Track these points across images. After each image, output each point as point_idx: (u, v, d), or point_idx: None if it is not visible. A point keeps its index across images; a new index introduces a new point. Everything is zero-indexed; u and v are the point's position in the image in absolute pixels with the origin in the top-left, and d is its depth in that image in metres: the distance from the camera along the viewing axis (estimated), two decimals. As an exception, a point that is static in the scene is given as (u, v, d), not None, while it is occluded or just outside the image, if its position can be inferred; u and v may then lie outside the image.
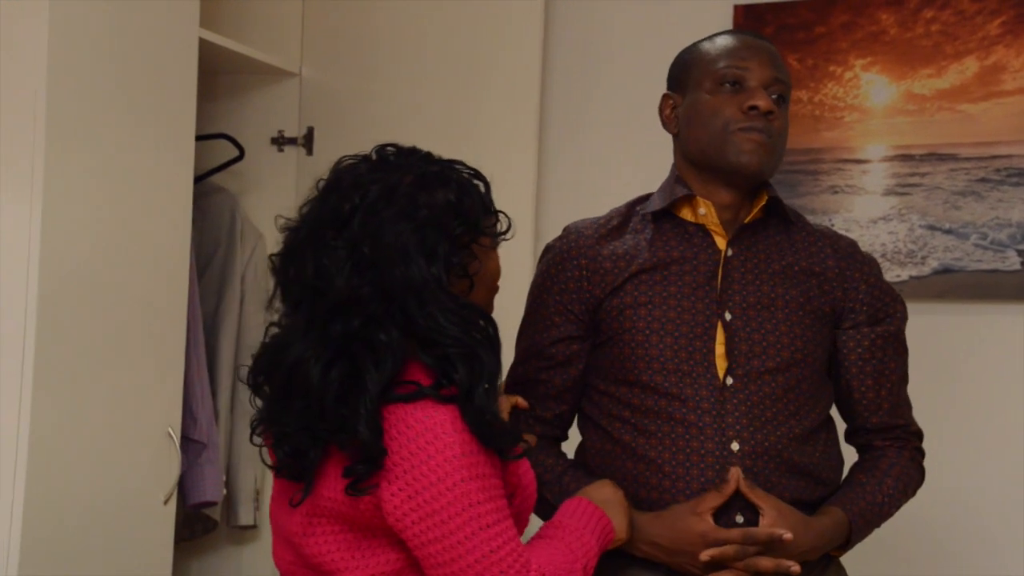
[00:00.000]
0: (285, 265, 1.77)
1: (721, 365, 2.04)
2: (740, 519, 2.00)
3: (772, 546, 1.96)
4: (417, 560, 1.71)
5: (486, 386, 1.69)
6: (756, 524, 1.98)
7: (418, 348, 1.71)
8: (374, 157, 1.81)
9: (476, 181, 1.82)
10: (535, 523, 1.92)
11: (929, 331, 2.30)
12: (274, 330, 1.80)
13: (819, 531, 2.02)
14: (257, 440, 1.82)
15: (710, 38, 2.16)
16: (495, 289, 1.87)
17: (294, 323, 1.75)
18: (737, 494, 1.99)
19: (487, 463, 1.70)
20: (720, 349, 2.05)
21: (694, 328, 2.05)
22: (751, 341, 2.05)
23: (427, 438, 1.67)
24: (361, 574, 1.72)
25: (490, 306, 1.85)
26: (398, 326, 1.69)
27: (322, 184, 1.80)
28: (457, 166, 1.82)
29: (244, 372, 1.84)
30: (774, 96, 2.07)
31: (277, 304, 1.80)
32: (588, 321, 2.13)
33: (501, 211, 1.84)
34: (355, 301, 1.69)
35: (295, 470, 1.73)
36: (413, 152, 1.82)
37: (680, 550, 1.97)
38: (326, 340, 1.70)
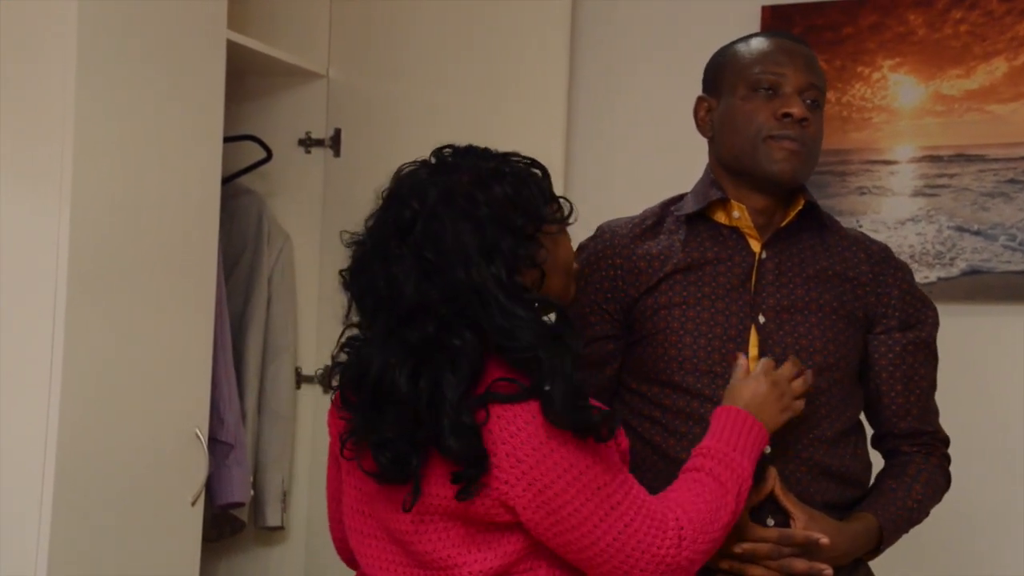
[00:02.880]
0: (356, 279, 1.79)
1: (754, 368, 2.03)
2: (771, 522, 2.00)
3: (807, 549, 1.95)
4: (552, 549, 1.74)
5: (559, 382, 1.68)
6: (787, 528, 1.98)
7: (495, 348, 1.72)
8: (432, 160, 1.82)
9: (534, 170, 1.83)
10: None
11: (957, 333, 2.29)
12: (351, 332, 1.81)
13: (851, 536, 2.02)
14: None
15: (745, 40, 2.15)
16: (571, 272, 1.88)
17: (373, 334, 1.76)
18: (770, 497, 1.99)
19: (607, 445, 1.74)
20: (753, 352, 2.04)
21: (728, 330, 2.05)
22: (784, 344, 2.04)
23: (542, 436, 1.69)
24: (480, 567, 1.74)
25: (569, 291, 1.88)
26: (471, 328, 1.70)
27: (384, 193, 1.81)
28: (513, 158, 1.83)
29: (323, 378, 1.86)
30: (809, 101, 2.06)
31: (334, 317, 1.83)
32: (622, 320, 2.12)
33: (562, 196, 1.85)
34: (426, 307, 1.70)
35: (400, 476, 1.74)
36: (469, 151, 1.83)
37: None
38: (406, 348, 1.71)
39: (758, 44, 2.12)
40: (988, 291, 3.07)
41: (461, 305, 1.70)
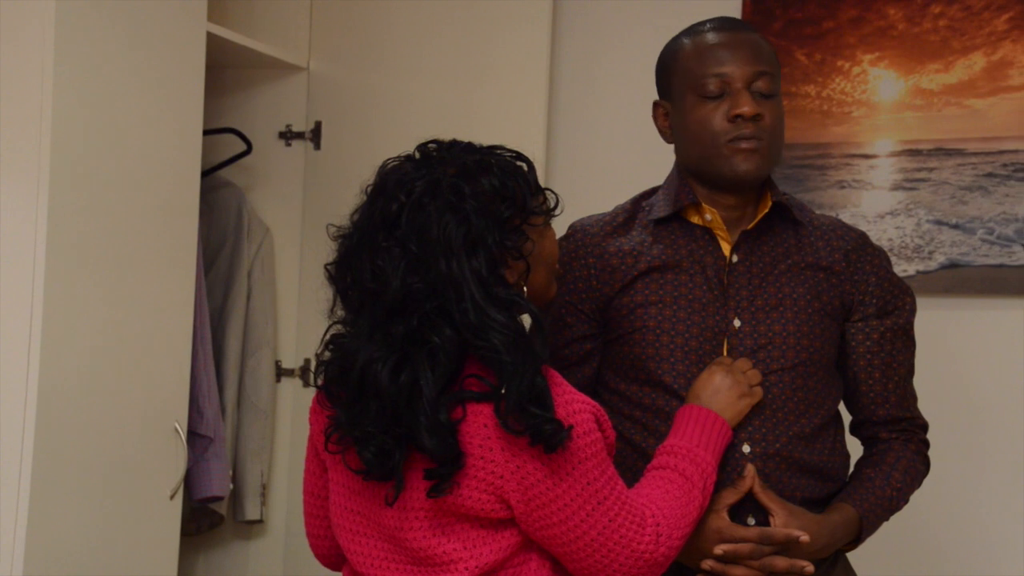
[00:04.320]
0: (342, 272, 1.79)
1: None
2: (752, 521, 2.00)
3: (788, 547, 1.96)
4: (538, 541, 1.77)
5: (515, 388, 1.68)
6: (767, 526, 1.98)
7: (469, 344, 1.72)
8: (417, 155, 1.82)
9: (519, 162, 1.83)
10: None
11: (936, 326, 2.30)
12: (336, 328, 1.81)
13: (831, 528, 2.02)
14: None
15: (687, 35, 2.12)
16: (554, 267, 1.89)
17: (358, 328, 1.76)
18: (749, 495, 1.99)
19: (596, 440, 1.75)
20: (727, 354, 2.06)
21: (703, 332, 2.05)
22: (758, 345, 2.05)
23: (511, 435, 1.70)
24: (476, 563, 1.75)
25: (551, 288, 1.89)
26: (451, 324, 1.70)
27: (369, 188, 1.81)
28: (499, 151, 1.83)
29: (309, 375, 1.87)
30: (760, 91, 2.04)
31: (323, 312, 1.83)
32: (599, 319, 2.12)
33: (548, 188, 1.86)
34: (411, 300, 1.70)
35: (383, 472, 1.74)
36: (454, 145, 1.83)
37: (694, 546, 1.96)
38: (390, 342, 1.71)
39: (699, 41, 2.09)
40: (966, 284, 3.08)
41: (442, 299, 1.70)
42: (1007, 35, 3.08)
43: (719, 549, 1.95)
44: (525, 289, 1.80)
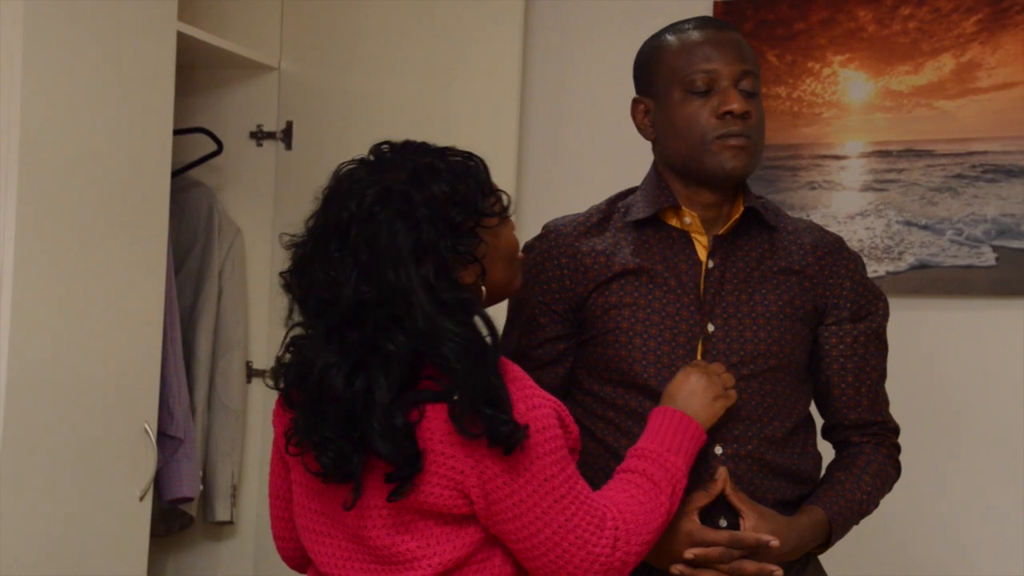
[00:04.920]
0: (297, 280, 1.79)
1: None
2: (724, 523, 2.00)
3: (757, 550, 1.96)
4: (497, 537, 1.77)
5: (468, 393, 1.69)
6: (738, 528, 1.98)
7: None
8: (371, 158, 1.82)
9: (471, 163, 1.82)
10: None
11: (905, 326, 2.31)
12: (297, 331, 1.81)
13: (800, 531, 2.02)
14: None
15: (670, 32, 2.12)
16: (516, 261, 1.89)
17: (315, 334, 1.77)
18: (720, 497, 1.99)
19: (556, 436, 1.75)
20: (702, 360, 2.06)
21: (677, 336, 2.05)
22: (731, 350, 2.05)
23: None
24: (440, 559, 1.75)
25: (514, 281, 1.89)
26: (404, 331, 1.71)
27: (323, 193, 1.81)
28: (450, 153, 1.83)
29: (268, 380, 1.88)
30: (746, 89, 2.05)
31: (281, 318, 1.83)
32: (573, 319, 2.12)
33: (500, 189, 1.85)
34: (364, 309, 1.71)
35: (341, 476, 1.75)
36: (406, 146, 1.83)
37: (664, 548, 1.96)
38: (345, 349, 1.72)
39: (684, 38, 2.09)
40: (935, 285, 3.10)
41: (393, 307, 1.70)
42: (975, 37, 3.09)
43: (689, 553, 1.95)
44: (484, 288, 1.80)
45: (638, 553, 1.79)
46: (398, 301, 1.70)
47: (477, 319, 1.75)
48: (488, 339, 1.74)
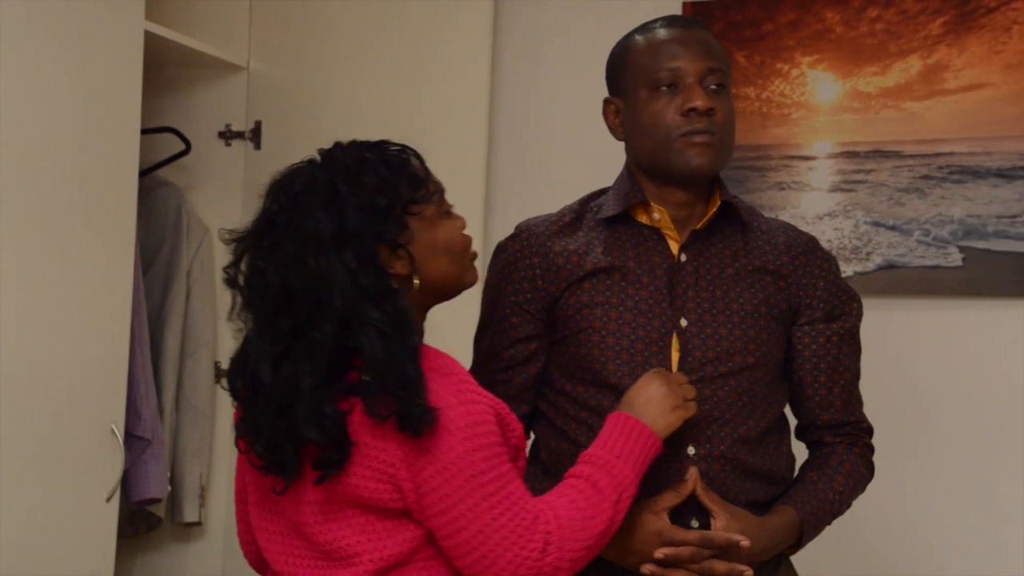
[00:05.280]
0: (234, 274, 1.83)
1: (676, 371, 2.03)
2: (695, 523, 1.99)
3: (728, 551, 1.95)
4: (429, 532, 1.76)
5: (380, 376, 1.71)
6: (710, 528, 1.98)
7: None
8: (317, 158, 1.85)
9: (404, 155, 1.85)
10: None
11: (873, 326, 2.32)
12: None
13: (771, 532, 2.02)
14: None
15: (639, 32, 2.13)
16: (462, 256, 1.89)
17: (254, 326, 1.80)
18: (692, 498, 1.99)
19: (489, 432, 1.75)
20: (676, 355, 2.04)
21: (650, 333, 2.04)
22: (704, 348, 2.04)
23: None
24: (380, 554, 1.75)
25: (463, 276, 1.89)
26: (328, 318, 1.73)
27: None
28: (384, 147, 1.86)
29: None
30: (712, 87, 2.05)
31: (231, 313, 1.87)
32: (545, 319, 2.11)
33: (436, 181, 1.87)
34: (292, 297, 1.74)
35: (276, 466, 1.77)
36: (350, 144, 1.86)
37: (634, 548, 1.96)
38: (276, 338, 1.76)
39: (651, 37, 2.10)
40: (903, 285, 3.12)
41: (318, 294, 1.74)
42: (942, 39, 3.11)
43: (659, 552, 1.94)
44: (416, 281, 1.82)
45: (572, 560, 1.76)
46: (321, 288, 1.73)
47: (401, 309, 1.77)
48: (408, 328, 1.76)
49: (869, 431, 2.21)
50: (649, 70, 2.06)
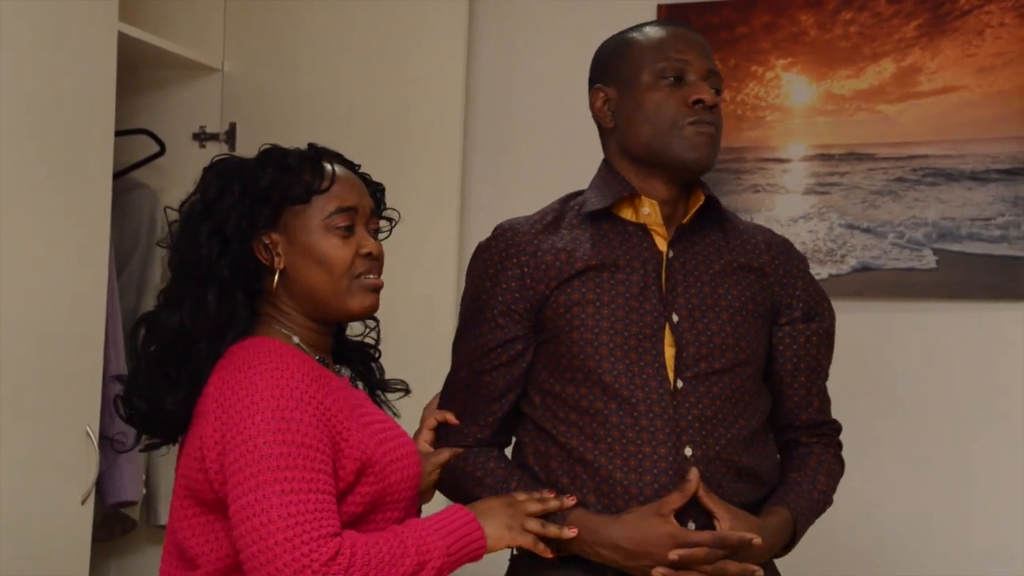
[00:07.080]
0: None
1: (671, 368, 2.02)
2: (692, 525, 1.97)
3: (739, 550, 1.94)
4: None
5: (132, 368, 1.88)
6: (709, 529, 1.96)
7: None
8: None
9: (318, 160, 1.91)
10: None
11: (847, 328, 2.32)
12: None
13: (772, 532, 2.01)
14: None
15: (639, 28, 2.14)
16: (339, 275, 1.89)
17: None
18: (691, 500, 1.96)
19: (302, 432, 1.73)
20: (670, 351, 2.03)
21: (643, 329, 2.03)
22: (698, 343, 2.03)
23: (240, 405, 1.74)
24: (214, 555, 1.77)
25: (340, 295, 1.90)
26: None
27: None
28: (310, 149, 1.94)
29: None
30: (713, 89, 2.07)
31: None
32: (533, 319, 2.08)
33: (344, 196, 1.90)
34: (170, 283, 1.90)
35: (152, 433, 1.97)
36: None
37: (644, 552, 1.93)
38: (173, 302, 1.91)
39: (657, 32, 2.12)
40: (877, 287, 3.13)
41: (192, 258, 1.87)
42: (916, 42, 3.13)
43: (675, 554, 1.91)
44: (276, 276, 1.87)
45: None
46: (190, 252, 1.87)
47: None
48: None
49: (839, 430, 2.22)
50: (655, 58, 2.07)
